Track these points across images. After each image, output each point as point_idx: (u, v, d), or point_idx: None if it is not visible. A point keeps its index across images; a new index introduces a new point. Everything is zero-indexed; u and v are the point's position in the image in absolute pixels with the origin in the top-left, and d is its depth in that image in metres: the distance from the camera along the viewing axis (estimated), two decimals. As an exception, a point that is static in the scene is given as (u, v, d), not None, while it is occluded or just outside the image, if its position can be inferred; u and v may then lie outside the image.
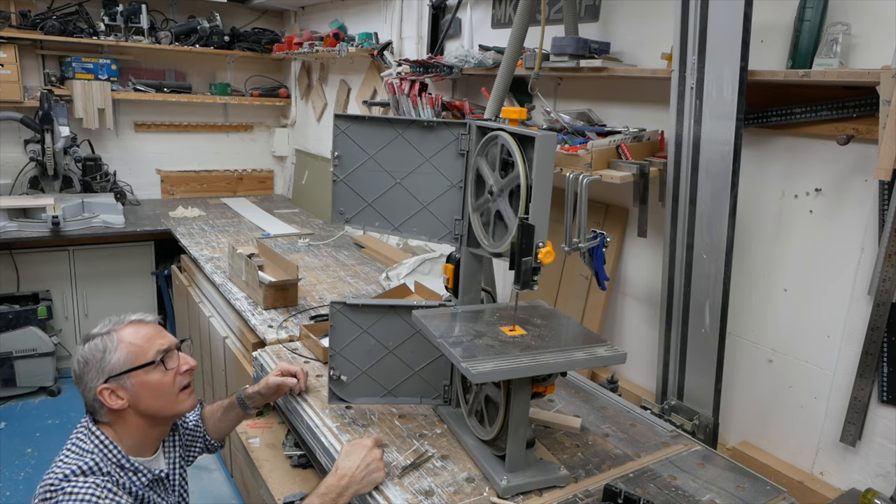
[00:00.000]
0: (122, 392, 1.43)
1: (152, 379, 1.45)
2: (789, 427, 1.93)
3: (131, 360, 1.44)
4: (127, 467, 1.45)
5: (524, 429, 1.49)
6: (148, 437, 1.51)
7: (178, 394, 1.50)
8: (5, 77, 4.11)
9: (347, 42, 3.88)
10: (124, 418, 1.46)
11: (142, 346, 1.46)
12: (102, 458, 1.42)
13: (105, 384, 1.42)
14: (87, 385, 1.43)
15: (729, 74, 1.75)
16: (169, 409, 1.50)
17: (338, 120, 1.71)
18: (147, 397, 1.45)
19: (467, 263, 1.74)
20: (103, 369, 1.42)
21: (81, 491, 1.32)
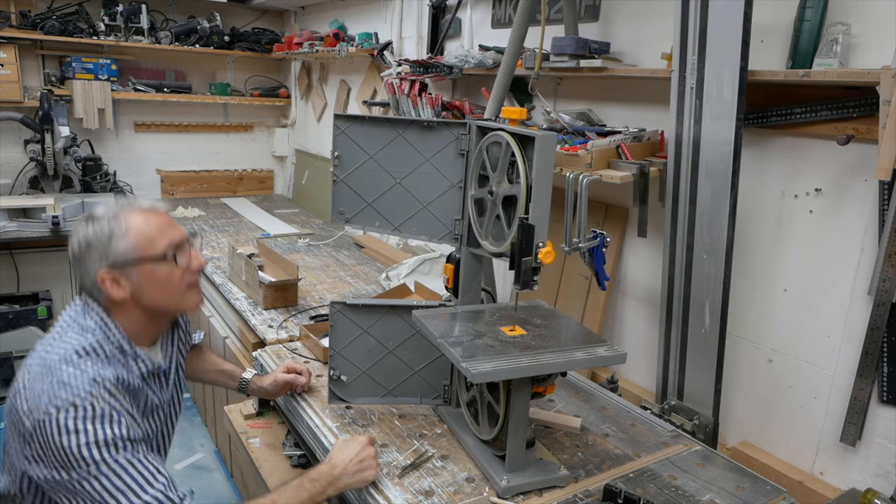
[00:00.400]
0: (124, 282, 1.32)
1: (160, 273, 1.34)
2: (789, 427, 1.93)
3: (140, 251, 1.32)
4: (128, 352, 1.35)
5: (524, 429, 1.49)
6: (147, 330, 1.41)
7: (185, 291, 1.40)
8: (5, 77, 4.11)
9: (347, 42, 3.88)
10: (123, 308, 1.35)
11: (152, 237, 1.33)
12: (104, 338, 1.32)
13: (107, 271, 1.30)
14: (87, 269, 1.32)
15: (729, 74, 1.75)
16: (173, 305, 1.40)
17: (338, 120, 1.71)
18: (151, 291, 1.35)
19: (467, 263, 1.74)
20: (107, 255, 1.30)
21: (77, 384, 1.22)
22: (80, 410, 1.20)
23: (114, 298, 1.32)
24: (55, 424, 1.18)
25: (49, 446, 1.19)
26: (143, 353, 1.39)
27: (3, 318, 3.67)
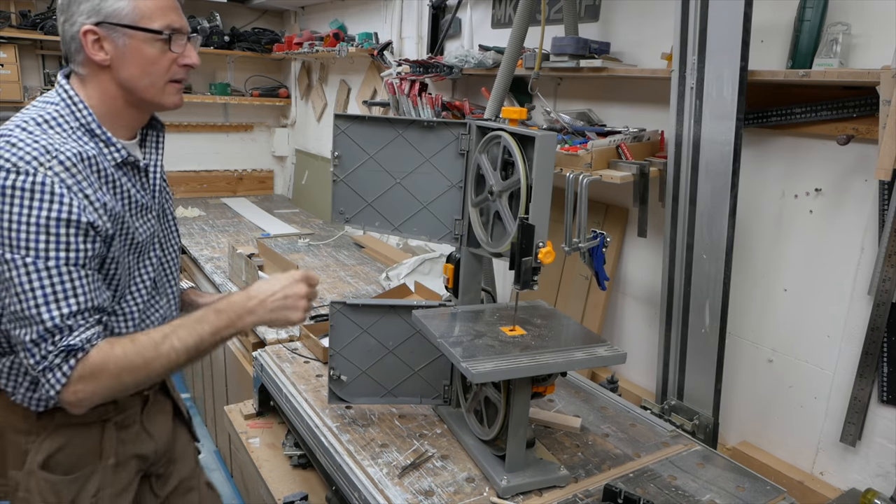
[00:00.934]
0: (108, 45, 1.19)
1: (148, 51, 1.21)
2: (789, 427, 1.93)
3: (135, 18, 1.19)
4: (98, 134, 1.21)
5: (524, 429, 1.49)
6: (122, 114, 1.27)
7: (166, 83, 1.26)
8: (5, 77, 4.11)
9: (347, 42, 3.88)
10: (99, 79, 1.22)
11: (153, 10, 1.21)
12: (68, 112, 1.20)
13: (94, 27, 1.18)
14: (72, 18, 1.19)
15: (729, 74, 1.75)
16: (151, 93, 1.25)
17: (338, 120, 1.71)
18: (133, 67, 1.21)
19: (467, 263, 1.74)
20: (99, 10, 1.18)
21: (26, 148, 1.10)
22: (21, 176, 1.08)
23: (93, 58, 1.20)
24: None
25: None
26: (116, 140, 1.24)
27: (3, 318, 3.67)
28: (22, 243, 1.09)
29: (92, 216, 1.14)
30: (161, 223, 1.39)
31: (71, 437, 1.29)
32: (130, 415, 1.38)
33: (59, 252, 1.11)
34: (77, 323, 1.13)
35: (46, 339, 1.11)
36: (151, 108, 1.32)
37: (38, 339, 1.11)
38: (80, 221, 1.12)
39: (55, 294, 1.11)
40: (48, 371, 1.12)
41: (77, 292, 1.13)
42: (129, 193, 1.26)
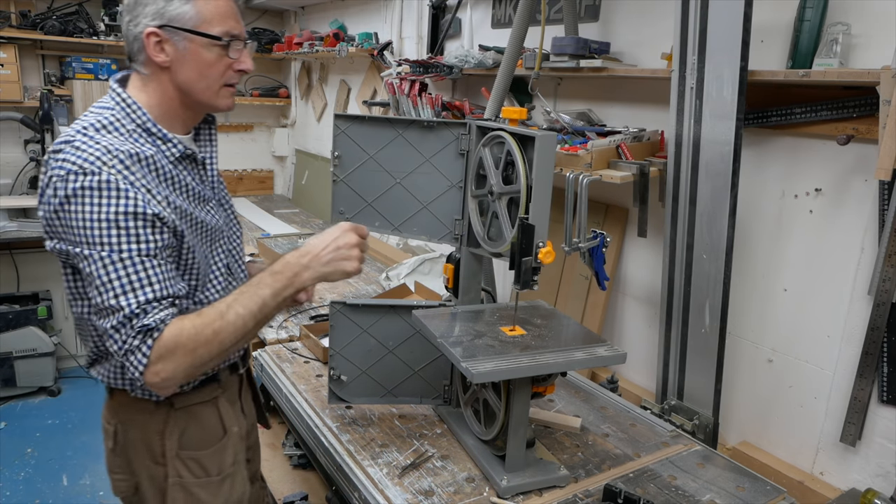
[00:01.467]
0: (169, 48, 1.24)
1: (206, 55, 1.26)
2: (789, 427, 1.93)
3: (197, 23, 1.24)
4: (154, 132, 1.27)
5: (524, 429, 1.49)
6: (178, 113, 1.32)
7: (221, 87, 1.32)
8: (5, 77, 4.11)
9: (347, 42, 3.88)
10: (159, 79, 1.28)
11: (215, 16, 1.25)
12: (124, 115, 1.25)
13: (157, 29, 1.22)
14: (137, 19, 1.24)
15: (729, 74, 1.75)
16: (206, 95, 1.31)
17: (338, 120, 1.71)
18: (191, 70, 1.27)
19: (467, 263, 1.74)
20: (163, 13, 1.22)
21: (88, 150, 1.15)
22: (88, 176, 1.14)
23: (154, 59, 1.25)
24: (63, 190, 1.14)
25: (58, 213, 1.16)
26: (173, 136, 1.30)
27: (3, 318, 3.67)
28: (96, 239, 1.15)
29: (157, 208, 1.19)
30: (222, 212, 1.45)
31: (191, 417, 1.37)
32: (232, 393, 1.48)
33: (130, 244, 1.16)
34: (152, 307, 1.18)
35: (125, 324, 1.16)
36: (205, 110, 1.38)
37: (118, 325, 1.16)
38: (147, 213, 1.17)
39: (131, 283, 1.16)
40: (129, 354, 1.16)
41: (151, 280, 1.18)
42: (189, 187, 1.32)
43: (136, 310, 1.15)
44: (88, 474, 3.20)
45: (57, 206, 1.16)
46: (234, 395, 1.49)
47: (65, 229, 1.17)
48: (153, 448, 1.35)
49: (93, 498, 3.03)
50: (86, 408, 3.81)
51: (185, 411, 1.36)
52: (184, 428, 1.36)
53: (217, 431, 1.41)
